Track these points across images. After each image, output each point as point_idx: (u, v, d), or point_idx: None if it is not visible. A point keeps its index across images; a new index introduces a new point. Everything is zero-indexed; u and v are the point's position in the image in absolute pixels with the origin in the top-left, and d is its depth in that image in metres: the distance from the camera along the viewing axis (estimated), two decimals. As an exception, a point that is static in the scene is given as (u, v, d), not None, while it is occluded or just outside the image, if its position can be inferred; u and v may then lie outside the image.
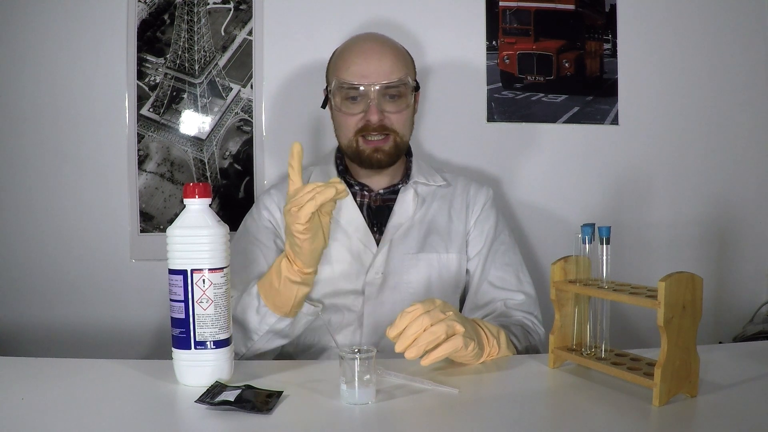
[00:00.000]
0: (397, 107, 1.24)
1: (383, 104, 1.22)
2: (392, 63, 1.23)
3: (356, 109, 1.23)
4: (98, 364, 1.01)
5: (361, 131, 1.23)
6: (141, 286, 1.62)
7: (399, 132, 1.25)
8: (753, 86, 1.78)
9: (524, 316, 1.24)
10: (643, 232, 1.75)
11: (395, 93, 1.23)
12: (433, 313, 0.92)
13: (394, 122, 1.24)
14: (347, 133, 1.25)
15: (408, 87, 1.25)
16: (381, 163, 1.25)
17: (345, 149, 1.28)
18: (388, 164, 1.27)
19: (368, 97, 1.21)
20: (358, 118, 1.23)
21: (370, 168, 1.27)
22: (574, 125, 1.73)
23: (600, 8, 1.72)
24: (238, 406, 0.80)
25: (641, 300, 0.83)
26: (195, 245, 0.88)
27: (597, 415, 0.81)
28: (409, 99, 1.26)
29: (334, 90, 1.25)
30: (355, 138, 1.24)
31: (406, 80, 1.24)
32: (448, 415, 0.81)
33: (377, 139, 1.23)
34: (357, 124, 1.24)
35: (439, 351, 0.91)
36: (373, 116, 1.21)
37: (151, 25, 1.61)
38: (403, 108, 1.25)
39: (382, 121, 1.22)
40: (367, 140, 1.23)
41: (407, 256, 1.26)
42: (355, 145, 1.25)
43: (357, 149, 1.25)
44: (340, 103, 1.24)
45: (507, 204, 1.70)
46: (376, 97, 1.21)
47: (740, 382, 0.89)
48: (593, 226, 0.93)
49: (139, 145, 1.62)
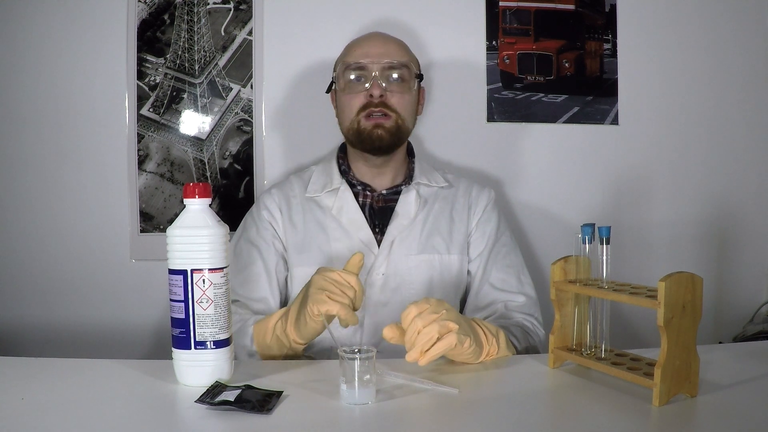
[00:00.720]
0: (400, 88, 1.27)
1: (386, 84, 1.25)
2: (396, 48, 1.28)
3: (359, 87, 1.26)
4: (98, 364, 1.01)
5: (364, 108, 1.25)
6: (141, 286, 1.62)
7: (400, 113, 1.26)
8: (753, 86, 1.78)
9: (524, 318, 1.24)
10: (643, 232, 1.75)
11: (398, 75, 1.26)
12: (425, 315, 0.92)
13: (395, 102, 1.26)
14: (350, 114, 1.27)
15: (411, 72, 1.28)
16: (382, 139, 1.25)
17: (347, 132, 1.29)
18: (389, 145, 1.26)
19: (371, 73, 1.24)
20: (361, 96, 1.25)
21: (371, 147, 1.26)
22: (574, 125, 1.73)
23: (600, 8, 1.72)
24: (238, 406, 0.80)
25: (641, 300, 0.83)
26: (195, 245, 0.88)
27: (597, 415, 0.81)
28: (411, 84, 1.28)
29: (339, 73, 1.28)
30: (357, 118, 1.26)
31: (408, 64, 1.28)
32: (448, 415, 0.81)
33: (378, 115, 1.24)
34: (360, 101, 1.25)
35: (433, 351, 0.92)
36: (375, 90, 1.24)
37: (151, 25, 1.61)
38: (405, 90, 1.27)
39: (384, 98, 1.24)
40: (368, 118, 1.24)
41: (409, 257, 1.26)
42: (356, 125, 1.26)
43: (358, 128, 1.25)
44: (344, 84, 1.27)
45: (507, 204, 1.70)
46: (379, 74, 1.24)
47: (740, 382, 0.89)
48: (593, 226, 0.93)
49: (139, 145, 1.62)
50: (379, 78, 1.24)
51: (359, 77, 1.26)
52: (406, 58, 1.29)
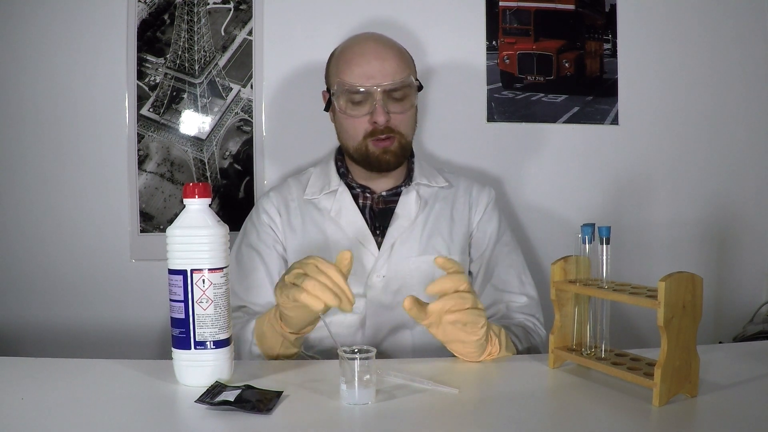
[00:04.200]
0: (402, 108, 1.23)
1: (388, 105, 1.21)
2: (396, 64, 1.22)
3: (361, 111, 1.21)
4: (98, 364, 1.01)
5: (371, 134, 1.22)
6: (141, 286, 1.62)
7: (403, 133, 1.24)
8: (753, 86, 1.78)
9: (526, 318, 1.24)
10: (643, 232, 1.75)
11: (400, 95, 1.22)
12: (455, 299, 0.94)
13: (398, 123, 1.23)
14: (355, 137, 1.23)
15: (412, 87, 1.24)
16: (389, 164, 1.24)
17: (353, 153, 1.26)
18: (396, 166, 1.26)
19: (373, 98, 1.20)
20: (364, 120, 1.22)
21: (378, 170, 1.25)
22: (574, 125, 1.73)
23: (600, 8, 1.72)
24: (238, 406, 0.80)
25: (641, 300, 0.83)
26: (195, 245, 0.88)
27: (597, 415, 0.81)
28: (413, 99, 1.25)
29: (338, 93, 1.23)
30: (364, 142, 1.23)
31: (409, 81, 1.23)
32: (448, 415, 0.81)
33: (384, 139, 1.22)
34: (365, 127, 1.22)
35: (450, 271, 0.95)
36: (380, 118, 1.19)
37: (151, 25, 1.61)
38: (407, 108, 1.24)
39: (389, 121, 1.21)
40: (375, 143, 1.22)
41: (410, 258, 1.26)
42: (364, 149, 1.23)
43: (366, 152, 1.23)
44: (345, 105, 1.22)
45: (507, 204, 1.70)
46: (381, 99, 1.20)
47: (740, 382, 0.89)
48: (593, 226, 0.93)
49: (139, 145, 1.62)
50: (381, 102, 1.19)
51: (360, 102, 1.21)
52: (407, 72, 1.23)
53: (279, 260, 1.28)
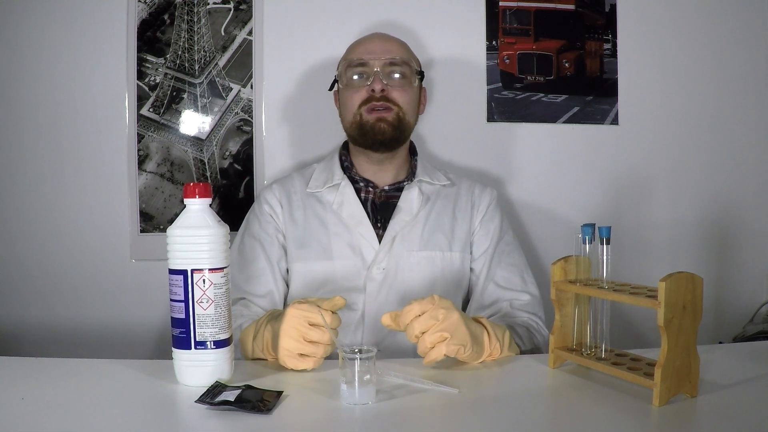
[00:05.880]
0: (401, 84, 1.28)
1: (388, 80, 1.27)
2: (397, 46, 1.31)
3: (361, 83, 1.27)
4: (98, 364, 1.01)
5: (366, 102, 1.26)
6: (141, 286, 1.62)
7: (402, 107, 1.27)
8: (753, 86, 1.78)
9: (529, 317, 1.24)
10: (643, 232, 1.75)
11: (399, 71, 1.28)
12: (424, 319, 0.95)
13: (397, 97, 1.27)
14: (351, 108, 1.28)
15: (412, 69, 1.30)
16: (384, 132, 1.25)
17: (349, 127, 1.30)
18: (392, 137, 1.27)
19: (373, 69, 1.26)
20: (362, 90, 1.27)
21: (373, 141, 1.26)
22: (574, 125, 1.73)
23: (600, 8, 1.72)
24: (238, 406, 0.80)
25: (641, 300, 0.83)
26: (195, 245, 0.88)
27: (597, 415, 0.81)
28: (412, 80, 1.30)
29: (342, 70, 1.30)
30: (359, 111, 1.27)
31: (409, 62, 1.30)
32: (448, 415, 0.81)
33: (380, 109, 1.25)
34: (362, 96, 1.27)
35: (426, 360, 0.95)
36: (376, 85, 1.25)
37: (151, 25, 1.61)
38: (406, 86, 1.29)
39: (386, 92, 1.26)
40: (370, 111, 1.26)
41: (411, 253, 1.26)
42: (359, 119, 1.26)
43: (360, 122, 1.26)
44: (347, 80, 1.29)
45: (507, 204, 1.70)
46: (380, 69, 1.26)
47: (740, 382, 0.89)
48: (593, 226, 0.93)
49: (139, 145, 1.62)
50: (380, 73, 1.26)
51: (361, 74, 1.27)
52: (408, 55, 1.31)
53: (280, 249, 1.29)
